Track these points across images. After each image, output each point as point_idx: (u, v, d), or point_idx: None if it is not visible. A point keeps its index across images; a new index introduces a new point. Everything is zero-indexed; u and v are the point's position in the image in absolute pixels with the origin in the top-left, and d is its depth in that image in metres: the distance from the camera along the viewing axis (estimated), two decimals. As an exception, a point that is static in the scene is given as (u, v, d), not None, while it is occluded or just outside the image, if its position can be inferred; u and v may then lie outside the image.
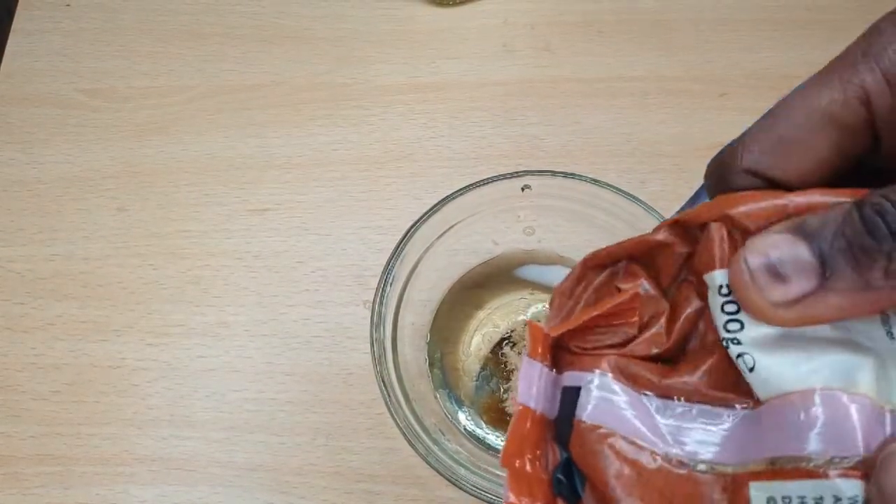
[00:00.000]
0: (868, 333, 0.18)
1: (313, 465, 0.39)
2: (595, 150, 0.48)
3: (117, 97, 0.50)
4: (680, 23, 0.53)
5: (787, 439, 0.17)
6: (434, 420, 0.37)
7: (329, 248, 0.45)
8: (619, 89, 0.50)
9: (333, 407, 0.40)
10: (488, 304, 0.42)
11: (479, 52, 0.52)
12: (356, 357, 0.41)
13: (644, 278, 0.20)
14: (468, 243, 0.41)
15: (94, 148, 0.48)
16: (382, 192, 0.46)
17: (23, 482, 0.39)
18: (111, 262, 0.44)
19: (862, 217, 0.16)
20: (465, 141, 0.48)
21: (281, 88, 0.50)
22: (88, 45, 0.52)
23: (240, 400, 0.41)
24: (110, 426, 0.40)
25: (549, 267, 0.42)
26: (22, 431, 0.40)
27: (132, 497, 0.38)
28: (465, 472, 0.33)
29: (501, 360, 0.40)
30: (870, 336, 0.18)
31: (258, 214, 0.46)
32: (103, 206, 0.46)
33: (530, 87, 0.50)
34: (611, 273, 0.21)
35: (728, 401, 0.19)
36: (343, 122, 0.49)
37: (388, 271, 0.36)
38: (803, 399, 0.17)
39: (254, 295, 0.43)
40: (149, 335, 0.42)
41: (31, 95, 0.50)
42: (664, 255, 0.20)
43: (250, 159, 0.48)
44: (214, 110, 0.49)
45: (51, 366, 0.41)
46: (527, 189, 0.39)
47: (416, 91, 0.50)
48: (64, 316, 0.43)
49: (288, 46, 0.52)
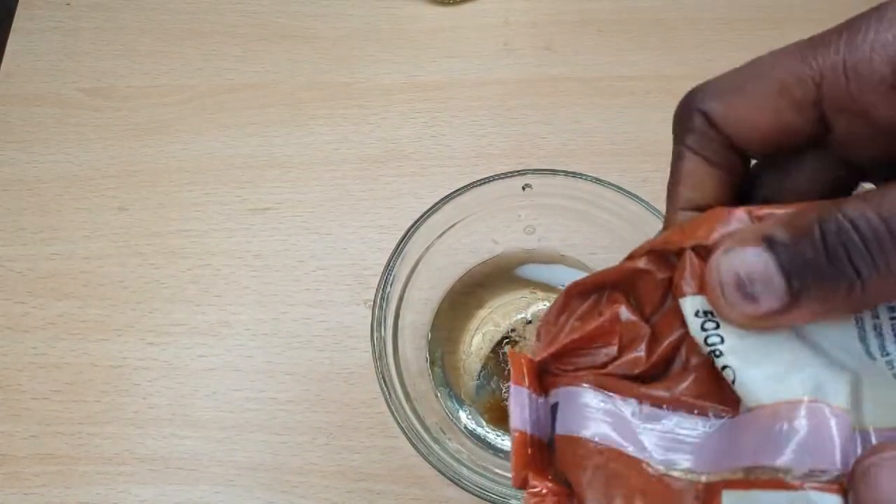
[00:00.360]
0: (847, 349, 0.18)
1: (314, 464, 0.39)
2: (596, 148, 0.48)
3: (118, 96, 0.50)
4: (680, 22, 0.53)
5: (766, 449, 0.17)
6: (435, 419, 0.37)
7: (330, 247, 0.45)
8: (620, 88, 0.50)
9: (334, 406, 0.40)
10: (489, 303, 0.42)
11: (480, 51, 0.52)
12: (357, 356, 0.41)
13: (624, 304, 0.21)
14: (469, 242, 0.41)
15: (94, 147, 0.48)
16: (383, 191, 0.46)
17: (23, 481, 0.39)
18: (112, 261, 0.44)
19: (824, 241, 0.16)
20: (466, 140, 0.48)
21: (281, 87, 0.50)
22: (89, 45, 0.52)
23: (241, 399, 0.41)
24: (111, 425, 0.40)
25: (550, 266, 0.42)
26: (23, 431, 0.40)
27: (133, 496, 0.38)
28: (467, 471, 0.33)
29: (502, 359, 0.40)
30: (849, 352, 0.18)
31: (259, 214, 0.46)
32: (104, 205, 0.46)
33: (531, 86, 0.50)
34: (594, 301, 0.21)
35: (706, 409, 0.19)
36: (344, 121, 0.49)
37: (388, 270, 0.36)
38: (788, 410, 0.17)
39: (254, 294, 0.43)
40: (149, 334, 0.42)
41: (32, 95, 0.50)
42: (645, 282, 0.20)
43: (251, 158, 0.48)
44: (215, 109, 0.49)
45: (51, 365, 0.41)
46: (527, 188, 0.39)
47: (417, 90, 0.50)
48: (64, 315, 0.43)
49: (288, 45, 0.52)
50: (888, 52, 0.18)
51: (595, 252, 0.42)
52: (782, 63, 0.19)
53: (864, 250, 0.16)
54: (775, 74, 0.19)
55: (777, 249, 0.17)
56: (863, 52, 0.18)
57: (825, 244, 0.16)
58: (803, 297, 0.17)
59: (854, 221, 0.16)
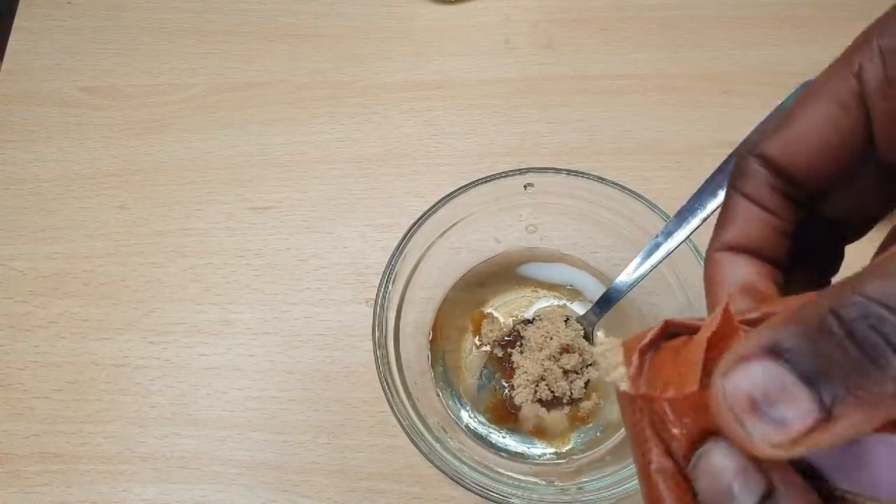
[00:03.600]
0: None
1: (315, 463, 0.39)
2: (597, 147, 0.48)
3: (118, 95, 0.50)
4: (682, 20, 0.53)
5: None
6: (436, 418, 0.37)
7: (331, 245, 0.45)
8: (622, 86, 0.50)
9: (336, 405, 0.40)
10: (490, 302, 0.41)
11: (482, 49, 0.51)
12: (358, 355, 0.41)
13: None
14: (470, 241, 0.41)
15: (95, 146, 0.48)
16: (384, 190, 0.46)
17: (25, 480, 0.39)
18: (113, 260, 0.44)
19: (850, 333, 0.13)
20: (467, 138, 0.48)
21: (283, 86, 0.50)
22: (89, 44, 0.52)
23: (242, 398, 0.41)
24: (112, 424, 0.40)
25: (552, 264, 0.42)
26: (24, 430, 0.40)
27: (134, 495, 0.38)
28: (468, 469, 0.33)
29: (504, 357, 0.40)
30: None
31: (260, 212, 0.46)
32: (105, 204, 0.46)
33: (532, 84, 0.50)
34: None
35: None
36: (345, 120, 0.49)
37: (390, 269, 0.36)
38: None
39: (256, 293, 0.43)
40: (151, 333, 0.42)
41: (33, 94, 0.50)
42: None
43: (252, 157, 0.48)
44: (216, 108, 0.49)
45: (53, 364, 0.41)
46: (529, 187, 0.39)
47: (419, 88, 0.50)
48: (66, 314, 0.43)
49: (290, 44, 0.52)
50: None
51: (597, 251, 0.42)
52: (823, 80, 0.20)
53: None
54: (819, 91, 0.20)
55: (787, 357, 0.14)
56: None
57: (851, 335, 0.13)
58: (840, 406, 0.13)
59: (882, 300, 0.13)
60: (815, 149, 0.20)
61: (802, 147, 0.20)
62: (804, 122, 0.20)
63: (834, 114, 0.19)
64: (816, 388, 0.14)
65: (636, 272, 0.36)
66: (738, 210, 0.21)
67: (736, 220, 0.21)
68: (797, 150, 0.20)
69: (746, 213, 0.21)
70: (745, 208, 0.21)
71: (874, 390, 0.13)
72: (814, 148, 0.20)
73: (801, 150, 0.20)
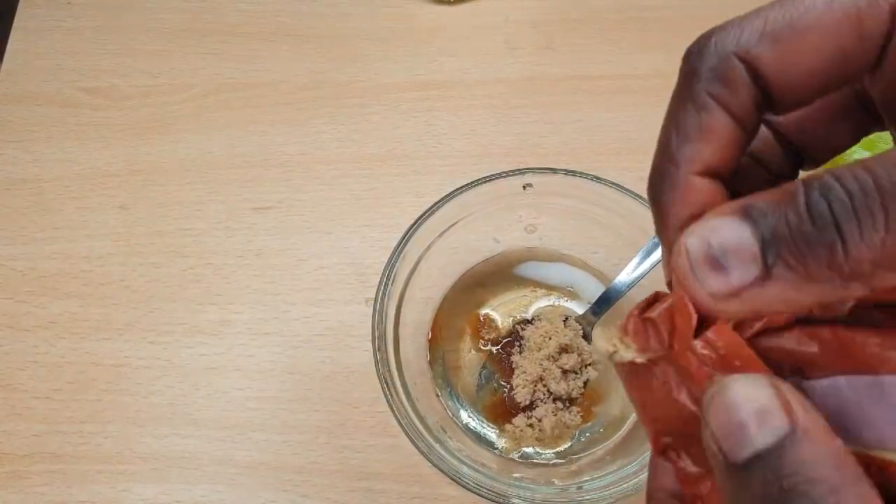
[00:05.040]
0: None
1: (315, 463, 0.39)
2: (597, 147, 0.48)
3: (118, 95, 0.50)
4: (682, 20, 0.53)
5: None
6: (436, 418, 0.37)
7: (330, 246, 0.45)
8: (621, 87, 0.50)
9: (335, 405, 0.40)
10: (490, 302, 0.41)
11: (481, 49, 0.52)
12: (358, 355, 0.41)
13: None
14: (469, 241, 0.41)
15: (95, 146, 0.48)
16: (384, 190, 0.46)
17: (24, 480, 0.39)
18: (113, 260, 0.44)
19: (807, 200, 0.14)
20: (467, 139, 0.48)
21: (282, 86, 0.50)
22: (89, 44, 0.52)
23: (241, 398, 0.41)
24: (112, 424, 0.40)
25: (551, 264, 0.42)
26: (24, 430, 0.40)
27: (134, 495, 0.38)
28: (467, 469, 0.34)
29: (503, 357, 0.40)
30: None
31: (260, 213, 0.46)
32: (105, 204, 0.46)
33: (532, 84, 0.50)
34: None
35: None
36: (345, 120, 0.49)
37: (389, 269, 0.36)
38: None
39: (255, 293, 0.43)
40: (150, 333, 0.42)
41: (33, 94, 0.50)
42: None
43: (252, 157, 0.48)
44: (215, 108, 0.49)
45: (52, 364, 0.42)
46: (528, 187, 0.39)
47: (418, 89, 0.50)
48: (66, 314, 0.43)
49: (289, 44, 0.52)
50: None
51: (596, 251, 0.42)
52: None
53: (848, 204, 0.14)
54: (838, 5, 0.16)
55: (755, 217, 0.15)
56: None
57: (808, 205, 0.14)
58: (776, 267, 0.14)
59: (840, 178, 0.14)
60: (824, 60, 0.16)
61: (807, 57, 0.17)
62: (811, 40, 0.16)
63: (846, 43, 0.16)
64: (766, 248, 0.14)
65: (635, 272, 0.36)
66: (716, 126, 0.18)
67: (713, 139, 0.18)
68: (798, 60, 0.17)
69: (725, 131, 0.18)
70: (724, 125, 0.18)
71: (810, 260, 0.14)
72: (824, 58, 0.16)
73: (802, 61, 0.17)
